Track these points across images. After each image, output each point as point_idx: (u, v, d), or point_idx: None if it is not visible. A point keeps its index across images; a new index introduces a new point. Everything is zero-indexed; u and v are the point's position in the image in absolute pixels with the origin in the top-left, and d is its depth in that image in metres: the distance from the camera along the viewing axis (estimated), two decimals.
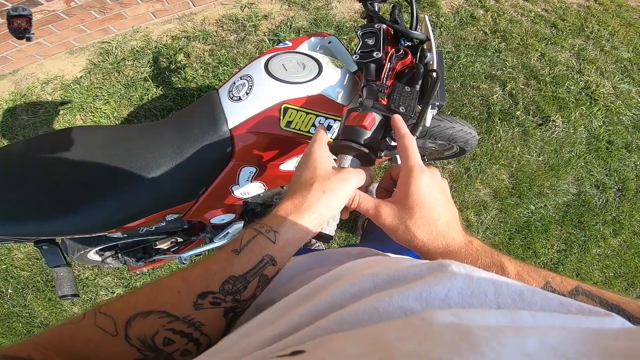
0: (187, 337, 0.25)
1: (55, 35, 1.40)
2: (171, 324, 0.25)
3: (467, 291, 0.22)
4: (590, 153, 1.64)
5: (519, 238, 1.53)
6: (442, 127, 1.01)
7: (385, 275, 0.25)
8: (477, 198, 1.49)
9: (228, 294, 0.27)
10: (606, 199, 1.63)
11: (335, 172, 0.34)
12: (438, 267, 0.24)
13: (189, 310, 0.25)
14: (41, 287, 1.35)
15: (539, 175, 1.55)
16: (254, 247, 0.29)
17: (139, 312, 0.25)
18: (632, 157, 1.70)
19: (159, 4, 1.36)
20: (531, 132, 1.55)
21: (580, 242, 1.60)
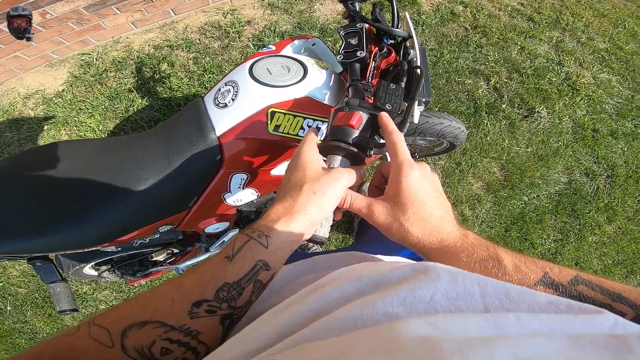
0: (184, 346, 0.25)
1: (33, 47, 1.39)
2: (167, 334, 0.25)
3: (452, 293, 0.22)
4: (577, 142, 1.68)
5: (515, 230, 1.54)
6: (430, 123, 1.03)
7: (369, 279, 0.25)
8: (470, 192, 1.51)
9: (223, 302, 0.27)
10: (597, 186, 1.66)
11: (325, 173, 0.34)
12: (422, 270, 0.24)
13: (185, 319, 0.25)
14: (40, 303, 1.35)
15: (529, 166, 1.58)
16: (246, 252, 0.29)
17: (133, 322, 0.25)
18: (618, 144, 1.74)
19: (139, 13, 1.36)
20: (518, 124, 1.58)
21: (576, 230, 1.62)
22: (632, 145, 1.76)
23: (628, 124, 1.78)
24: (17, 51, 1.38)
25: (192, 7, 1.43)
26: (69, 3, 1.18)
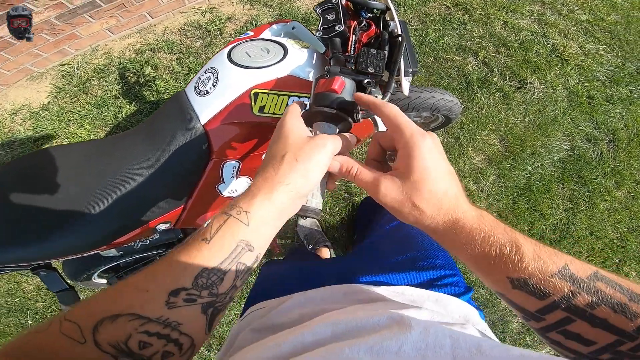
0: (165, 338, 0.23)
1: (11, 62, 1.37)
2: (144, 327, 0.23)
3: (421, 344, 0.22)
4: (574, 109, 1.66)
5: (523, 201, 1.48)
6: (422, 98, 1.02)
7: (345, 325, 0.26)
8: (472, 166, 1.46)
9: (203, 289, 0.25)
10: (600, 152, 1.63)
11: (308, 140, 0.31)
12: (397, 319, 0.25)
13: (161, 310, 0.23)
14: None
15: (528, 135, 1.55)
16: (225, 233, 0.26)
17: (105, 316, 0.23)
18: (616, 109, 1.72)
19: (113, 19, 1.36)
20: (511, 95, 1.57)
21: (586, 198, 1.57)
22: (630, 109, 1.74)
23: (623, 90, 1.77)
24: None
25: (168, 9, 1.44)
26: (38, 14, 1.18)
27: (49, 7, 1.15)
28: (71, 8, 1.20)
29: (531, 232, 1.50)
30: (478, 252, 0.27)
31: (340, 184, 1.42)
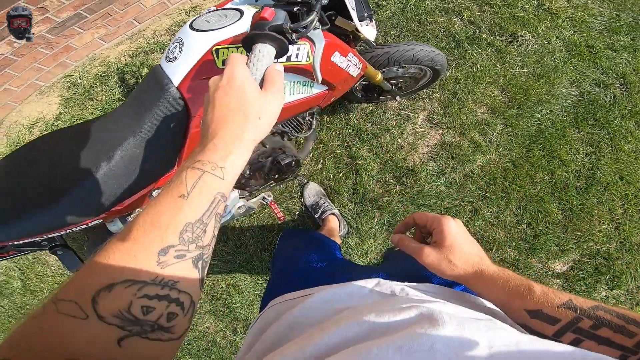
0: (165, 299, 0.24)
1: (18, 78, 1.48)
2: (142, 291, 0.23)
3: (455, 341, 0.23)
4: (574, 57, 1.61)
5: (537, 148, 1.40)
6: (401, 50, 1.04)
7: (371, 324, 0.26)
8: (475, 118, 1.41)
9: (190, 243, 0.26)
10: (613, 95, 1.55)
11: (264, 96, 0.34)
12: (429, 315, 0.25)
13: (155, 271, 0.24)
14: None
15: (530, 85, 1.50)
16: (202, 188, 0.27)
17: (100, 287, 0.22)
18: (620, 56, 1.66)
19: (102, 29, 1.47)
20: (504, 49, 1.54)
21: (607, 141, 1.47)
22: (636, 55, 1.67)
23: (623, 38, 1.72)
24: (4, 84, 1.48)
25: (153, 14, 1.55)
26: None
27: (37, 22, 1.27)
28: (59, 21, 1.32)
29: (552, 181, 1.40)
30: (499, 293, 0.35)
31: (342, 150, 1.39)
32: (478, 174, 1.37)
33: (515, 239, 1.36)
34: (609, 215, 1.42)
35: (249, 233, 1.39)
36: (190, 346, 1.47)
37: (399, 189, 1.34)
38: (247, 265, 1.38)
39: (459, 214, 1.34)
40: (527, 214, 1.36)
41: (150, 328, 0.23)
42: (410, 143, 1.39)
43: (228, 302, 1.40)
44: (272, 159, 1.02)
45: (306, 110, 0.94)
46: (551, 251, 1.38)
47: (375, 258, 1.35)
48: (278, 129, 1.01)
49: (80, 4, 1.30)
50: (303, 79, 0.81)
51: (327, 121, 1.40)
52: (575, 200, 1.40)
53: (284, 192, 1.38)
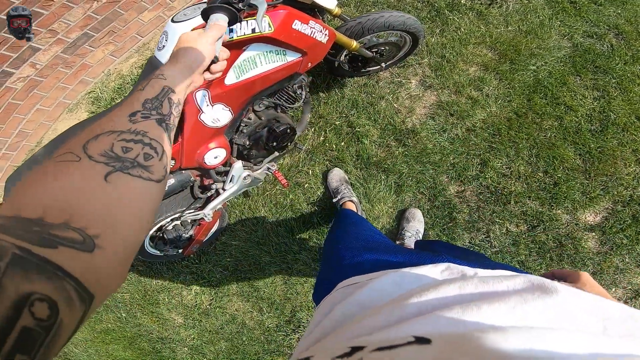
0: (140, 142, 0.30)
1: (47, 98, 1.63)
2: (121, 136, 0.29)
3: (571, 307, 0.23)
4: (558, 13, 1.64)
5: (539, 97, 1.38)
6: (372, 19, 1.11)
7: (473, 289, 0.27)
8: (469, 76, 1.42)
9: (151, 110, 0.34)
10: (610, 44, 1.55)
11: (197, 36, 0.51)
12: (539, 284, 0.25)
13: (128, 125, 0.31)
14: (141, 302, 1.58)
15: (519, 41, 1.52)
16: (153, 84, 0.38)
17: (88, 139, 0.28)
18: (608, 9, 1.68)
19: (110, 45, 1.63)
20: (485, 12, 1.59)
21: (614, 84, 1.44)
22: (625, 8, 1.69)
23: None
24: (35, 104, 1.63)
25: (153, 27, 1.71)
26: (47, 52, 1.45)
27: (52, 44, 1.43)
28: (70, 41, 1.47)
29: (562, 126, 1.35)
30: None
31: (341, 122, 1.41)
32: (480, 127, 1.34)
33: (534, 189, 1.29)
34: (634, 157, 1.34)
35: (264, 211, 1.40)
36: (223, 330, 1.46)
37: (402, 150, 1.33)
38: (265, 242, 1.40)
39: (467, 168, 1.30)
40: (542, 162, 1.30)
41: (131, 164, 0.28)
42: (407, 106, 1.40)
43: (252, 282, 1.41)
44: (268, 128, 1.06)
45: (288, 76, 1.00)
46: (577, 200, 1.29)
47: (387, 222, 1.30)
48: (271, 103, 1.07)
49: (85, 24, 1.47)
50: (275, 48, 0.90)
51: (323, 97, 1.44)
52: (593, 144, 1.33)
53: (292, 167, 1.40)
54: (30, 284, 0.19)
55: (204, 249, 1.49)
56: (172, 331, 1.58)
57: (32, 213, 0.23)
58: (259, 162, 1.18)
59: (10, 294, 0.18)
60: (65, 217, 0.24)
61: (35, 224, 0.22)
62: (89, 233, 0.24)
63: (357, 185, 1.33)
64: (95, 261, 0.23)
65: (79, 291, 0.21)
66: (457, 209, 1.28)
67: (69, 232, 0.23)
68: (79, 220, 0.24)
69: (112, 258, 0.25)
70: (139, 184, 0.28)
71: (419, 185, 1.30)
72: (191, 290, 1.53)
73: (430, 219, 1.28)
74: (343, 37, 1.05)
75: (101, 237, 0.24)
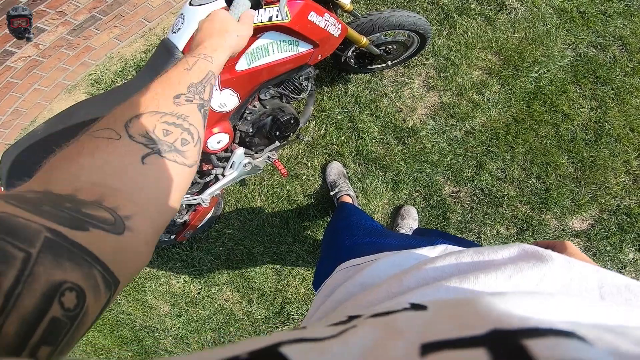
0: (180, 127, 0.31)
1: (46, 78, 1.67)
2: (163, 118, 0.30)
3: (565, 276, 0.23)
4: (566, 22, 1.68)
5: (538, 104, 1.44)
6: (383, 17, 1.17)
7: (470, 260, 0.27)
8: (472, 80, 1.48)
9: (195, 94, 0.35)
10: (613, 55, 1.60)
11: (239, 24, 0.52)
12: (533, 252, 0.26)
13: (172, 106, 0.32)
14: (127, 289, 1.58)
15: (524, 48, 1.57)
16: (200, 65, 0.39)
17: (132, 116, 0.29)
18: (615, 21, 1.73)
19: (117, 29, 1.67)
20: (494, 17, 1.64)
21: (612, 95, 1.50)
22: (633, 20, 1.73)
23: (617, 4, 1.79)
24: (34, 84, 1.66)
25: (161, 12, 1.75)
26: (52, 32, 1.49)
27: (58, 25, 1.46)
28: (76, 23, 1.51)
29: (558, 134, 1.41)
30: None
31: (343, 116, 1.46)
32: (479, 130, 1.40)
33: (526, 193, 1.36)
34: (624, 168, 1.41)
35: (260, 201, 1.45)
36: (210, 320, 1.49)
37: (401, 148, 1.39)
38: (260, 232, 1.44)
39: (463, 169, 1.36)
40: (535, 167, 1.37)
41: (168, 148, 0.29)
42: (409, 106, 1.45)
43: (243, 272, 1.45)
44: (272, 117, 1.10)
45: (297, 67, 1.04)
46: (566, 206, 1.37)
47: (382, 218, 1.37)
48: (277, 93, 1.10)
49: (94, 6, 1.50)
50: (289, 38, 0.93)
51: (327, 91, 1.49)
52: (586, 153, 1.40)
53: (292, 158, 1.45)
54: (62, 271, 0.19)
55: (197, 236, 1.51)
56: (156, 319, 1.58)
57: (63, 189, 0.23)
58: (259, 150, 1.22)
59: (42, 283, 0.18)
60: (97, 196, 0.24)
61: (66, 200, 0.22)
62: (120, 214, 0.24)
63: (354, 180, 1.39)
64: (124, 244, 0.23)
65: (106, 277, 0.21)
66: (451, 208, 1.34)
67: (101, 211, 0.23)
68: (111, 199, 0.24)
69: (140, 241, 0.25)
70: (173, 168, 0.29)
71: (416, 183, 1.36)
72: (180, 278, 1.55)
73: (424, 217, 1.35)
74: (354, 32, 1.09)
75: (132, 219, 0.24)
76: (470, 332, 0.14)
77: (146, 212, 0.26)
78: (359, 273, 0.39)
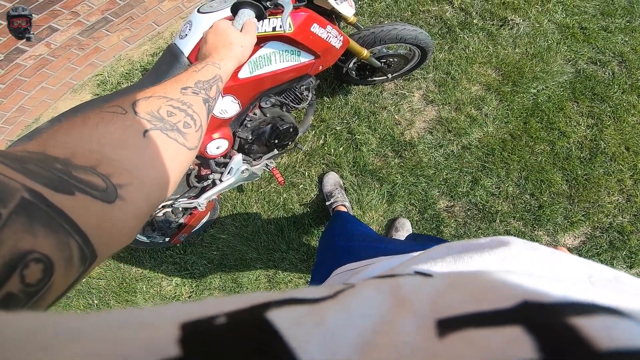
0: (184, 112, 0.33)
1: (54, 77, 1.70)
2: (169, 102, 0.32)
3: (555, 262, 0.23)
4: (567, 38, 1.70)
5: (535, 121, 1.47)
6: (385, 30, 1.19)
7: (459, 245, 0.28)
8: (471, 95, 1.50)
9: (201, 89, 0.38)
10: (612, 71, 1.62)
11: (242, 34, 0.55)
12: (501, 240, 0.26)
13: (178, 95, 0.35)
14: (117, 290, 1.59)
15: (524, 63, 1.59)
16: (208, 69, 0.43)
17: (140, 97, 0.31)
18: (616, 37, 1.74)
19: (127, 31, 1.70)
20: (496, 33, 1.66)
21: (609, 113, 1.52)
22: (634, 36, 1.75)
23: (619, 21, 1.81)
24: (41, 82, 1.69)
25: (170, 17, 1.77)
26: (64, 32, 1.51)
27: (70, 25, 1.49)
28: (88, 24, 1.54)
29: (554, 151, 1.44)
30: None
31: (342, 127, 1.49)
32: (476, 145, 1.43)
33: (520, 210, 1.39)
34: (618, 186, 1.44)
35: (256, 207, 1.48)
36: None
37: (398, 161, 1.42)
38: (254, 238, 1.47)
39: (459, 184, 1.39)
40: (530, 184, 1.40)
41: (170, 127, 0.31)
42: (408, 119, 1.48)
43: (236, 277, 1.48)
44: (272, 125, 1.13)
45: (298, 77, 1.07)
46: (559, 223, 1.40)
47: (377, 229, 1.40)
48: (278, 101, 1.13)
49: (107, 8, 1.53)
50: (291, 48, 0.96)
51: (327, 102, 1.52)
52: (580, 171, 1.43)
53: (289, 167, 1.48)
54: (32, 238, 0.17)
55: (191, 239, 1.53)
56: None
57: (59, 152, 0.22)
58: (258, 157, 1.24)
59: (4, 250, 0.16)
60: (93, 162, 0.23)
61: (58, 162, 0.21)
62: (113, 181, 0.23)
63: (350, 191, 1.42)
64: (112, 214, 0.22)
65: (83, 250, 0.20)
66: (444, 222, 1.38)
67: (93, 176, 0.22)
68: (106, 166, 0.23)
69: (131, 213, 0.24)
70: (173, 146, 0.30)
71: (411, 196, 1.39)
72: (172, 281, 1.56)
73: (418, 229, 1.38)
74: (355, 44, 1.12)
75: (125, 188, 0.23)
76: (493, 305, 0.12)
77: (142, 185, 0.25)
78: (355, 277, 0.40)
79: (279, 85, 1.05)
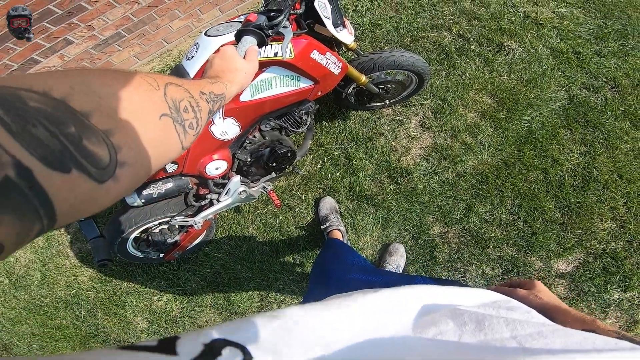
0: (194, 113, 0.36)
1: None
2: (189, 99, 0.35)
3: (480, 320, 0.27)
4: (561, 64, 1.74)
5: (529, 148, 1.50)
6: (383, 57, 1.23)
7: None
8: (466, 122, 1.54)
9: (211, 100, 0.42)
10: (605, 97, 1.65)
11: (245, 61, 0.58)
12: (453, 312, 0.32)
13: (198, 95, 0.38)
14: (106, 303, 1.59)
15: (519, 89, 1.62)
16: (219, 85, 0.46)
17: (173, 82, 0.33)
18: (609, 61, 1.78)
19: (137, 47, 1.73)
20: (492, 58, 1.69)
21: (601, 140, 1.55)
22: (627, 60, 1.79)
23: (612, 44, 1.84)
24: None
25: (180, 35, 1.81)
26: (78, 45, 1.54)
27: (85, 39, 1.52)
28: (102, 39, 1.57)
29: (547, 179, 1.47)
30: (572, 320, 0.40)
31: (339, 152, 1.52)
32: (470, 173, 1.46)
33: (513, 236, 1.42)
34: (611, 214, 1.47)
35: (252, 228, 1.51)
36: None
37: (393, 187, 1.45)
38: (249, 258, 1.50)
39: (453, 211, 1.42)
40: (523, 212, 1.42)
41: (180, 121, 0.32)
42: (404, 146, 1.51)
43: (228, 295, 1.50)
44: (270, 148, 1.17)
45: (297, 102, 1.10)
46: (552, 249, 1.43)
47: (371, 254, 1.43)
48: (277, 125, 1.16)
49: (121, 24, 1.56)
50: (291, 73, 0.99)
51: (326, 126, 1.55)
52: (573, 199, 1.46)
53: (286, 190, 1.51)
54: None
55: (185, 257, 1.54)
56: (132, 335, 1.57)
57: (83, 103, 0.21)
58: (256, 180, 1.27)
59: None
60: (111, 125, 0.23)
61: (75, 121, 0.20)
62: (119, 157, 0.23)
63: (346, 216, 1.45)
64: (96, 194, 0.22)
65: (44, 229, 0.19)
66: (438, 248, 1.40)
67: (102, 146, 0.21)
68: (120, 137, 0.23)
69: (113, 195, 0.23)
70: (174, 139, 0.31)
71: (405, 222, 1.42)
72: (163, 296, 1.55)
73: (411, 255, 1.41)
74: (354, 70, 1.16)
75: (125, 168, 0.23)
76: None
77: (139, 167, 0.26)
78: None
79: (279, 109, 1.08)
